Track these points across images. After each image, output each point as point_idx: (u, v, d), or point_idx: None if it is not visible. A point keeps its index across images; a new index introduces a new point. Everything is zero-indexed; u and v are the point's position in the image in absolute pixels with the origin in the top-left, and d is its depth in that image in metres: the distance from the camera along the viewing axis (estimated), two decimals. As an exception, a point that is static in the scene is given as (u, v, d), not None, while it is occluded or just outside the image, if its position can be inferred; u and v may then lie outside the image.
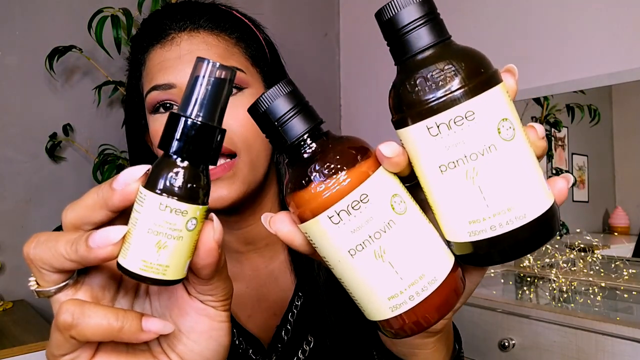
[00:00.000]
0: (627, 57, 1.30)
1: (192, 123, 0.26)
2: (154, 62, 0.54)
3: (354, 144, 0.29)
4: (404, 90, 0.27)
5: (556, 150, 1.53)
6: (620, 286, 1.18)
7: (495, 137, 0.26)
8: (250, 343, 0.59)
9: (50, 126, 1.38)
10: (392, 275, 0.27)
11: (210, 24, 0.55)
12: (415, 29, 0.27)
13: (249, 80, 0.55)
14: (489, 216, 0.26)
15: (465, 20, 1.70)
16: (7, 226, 1.33)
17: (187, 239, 0.27)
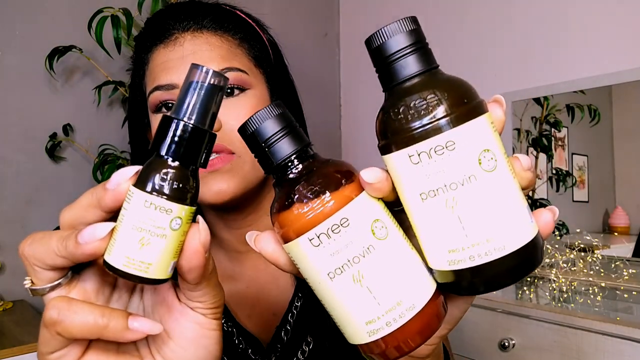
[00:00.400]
0: (627, 57, 1.30)
1: (184, 126, 0.27)
2: (157, 62, 0.54)
3: (340, 167, 0.29)
4: (389, 117, 0.27)
5: (556, 150, 1.53)
6: (620, 286, 1.18)
7: (476, 167, 0.26)
8: (250, 343, 0.59)
9: (50, 126, 1.38)
10: (369, 300, 0.27)
11: (214, 24, 0.55)
12: (402, 58, 0.28)
13: (252, 82, 0.55)
14: (468, 246, 0.26)
15: (465, 20, 1.70)
16: (7, 226, 1.33)
17: (172, 238, 0.27)
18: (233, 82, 0.53)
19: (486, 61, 1.63)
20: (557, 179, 1.52)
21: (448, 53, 1.78)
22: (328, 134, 2.05)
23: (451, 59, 1.76)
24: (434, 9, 1.80)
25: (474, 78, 1.27)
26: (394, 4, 1.96)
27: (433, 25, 1.81)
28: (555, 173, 1.53)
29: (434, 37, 1.47)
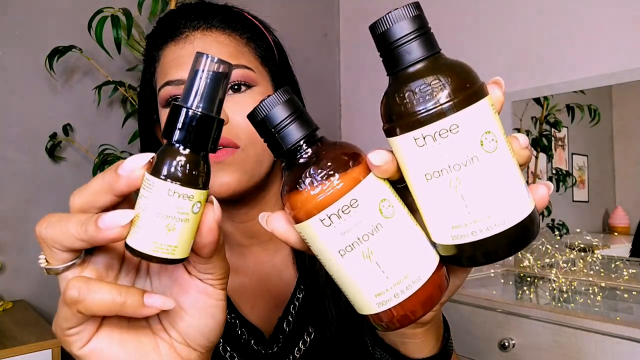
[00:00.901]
0: (627, 57, 1.30)
1: (193, 113, 0.28)
2: (168, 58, 0.56)
3: (347, 150, 0.30)
4: (394, 101, 0.28)
5: (556, 150, 1.53)
6: (620, 286, 1.18)
7: (478, 149, 0.27)
8: (252, 334, 0.60)
9: (50, 126, 1.38)
10: (378, 274, 0.29)
11: (223, 24, 0.57)
12: (406, 43, 0.29)
13: (258, 79, 0.56)
14: (470, 222, 0.28)
15: (465, 20, 1.70)
16: (7, 226, 1.33)
17: (193, 221, 0.29)
18: (240, 79, 0.55)
19: (486, 61, 1.63)
20: (557, 179, 1.52)
21: (448, 53, 1.77)
22: (328, 134, 2.03)
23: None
24: (433, 9, 1.80)
25: (474, 78, 1.22)
26: (393, 4, 1.96)
27: (433, 25, 1.81)
28: (555, 173, 1.53)
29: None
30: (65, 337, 0.31)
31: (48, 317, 1.37)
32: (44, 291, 1.37)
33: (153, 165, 0.28)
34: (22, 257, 1.34)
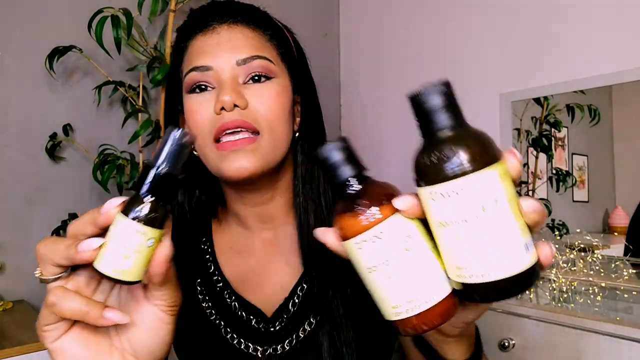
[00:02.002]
0: (627, 57, 1.30)
1: (157, 173, 0.37)
2: (195, 47, 0.60)
3: (385, 190, 0.38)
4: (419, 158, 0.35)
5: (556, 150, 1.53)
6: (620, 286, 1.18)
7: (478, 210, 0.32)
8: (253, 313, 0.63)
9: (50, 126, 1.38)
10: (396, 292, 0.36)
11: (248, 19, 0.61)
12: (437, 114, 0.35)
13: (277, 71, 0.60)
14: (469, 267, 0.33)
15: (465, 20, 1.70)
16: (7, 226, 1.33)
17: (146, 253, 0.37)
18: (260, 70, 0.58)
19: (487, 61, 1.63)
20: (557, 179, 1.52)
21: (448, 53, 1.78)
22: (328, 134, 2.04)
23: (452, 59, 1.76)
24: (434, 9, 1.80)
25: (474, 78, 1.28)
26: (394, 4, 1.96)
27: (433, 25, 1.81)
28: (555, 173, 1.53)
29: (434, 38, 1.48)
30: (41, 332, 0.40)
31: (48, 317, 1.37)
32: (43, 291, 1.36)
33: (124, 206, 0.37)
34: (22, 257, 1.34)
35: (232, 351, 0.62)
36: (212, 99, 0.57)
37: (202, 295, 0.66)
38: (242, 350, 0.62)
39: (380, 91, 1.99)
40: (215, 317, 0.64)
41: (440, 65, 1.78)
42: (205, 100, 0.58)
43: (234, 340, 0.62)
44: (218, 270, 0.66)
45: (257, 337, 0.62)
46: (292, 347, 0.61)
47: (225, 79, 0.57)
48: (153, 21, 1.54)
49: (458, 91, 0.39)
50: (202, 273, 0.67)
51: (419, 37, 1.85)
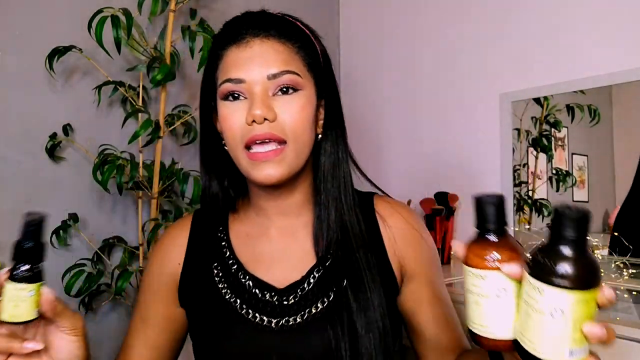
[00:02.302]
0: (627, 57, 1.30)
1: (23, 248, 0.57)
2: (230, 58, 0.66)
3: (510, 248, 0.48)
4: (541, 255, 0.44)
5: (556, 150, 1.53)
6: (620, 286, 1.18)
7: (551, 311, 0.42)
8: (266, 289, 0.71)
9: (50, 126, 1.38)
10: (478, 315, 0.49)
11: (279, 33, 0.66)
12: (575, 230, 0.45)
13: (304, 83, 0.67)
14: (527, 339, 0.44)
15: (465, 20, 1.70)
16: (7, 226, 1.32)
17: (30, 300, 0.54)
18: (288, 83, 0.65)
19: (486, 61, 1.63)
20: (557, 179, 1.52)
21: (449, 53, 1.78)
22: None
23: (452, 58, 1.76)
24: (434, 8, 1.80)
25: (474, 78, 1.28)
26: (394, 4, 1.96)
27: (433, 25, 1.81)
28: (555, 173, 1.53)
29: (434, 37, 1.48)
30: None
31: (48, 317, 1.37)
32: (44, 291, 1.37)
33: (9, 273, 0.54)
34: (22, 257, 1.34)
35: (247, 325, 0.69)
36: (244, 108, 0.65)
37: (217, 277, 0.74)
38: (258, 323, 0.69)
39: (380, 91, 1.99)
40: (230, 296, 0.72)
41: (441, 66, 1.78)
42: (238, 108, 0.66)
43: (248, 315, 0.70)
44: (233, 254, 0.75)
45: (271, 310, 0.69)
46: (304, 320, 0.68)
47: (256, 92, 0.64)
48: (153, 21, 1.53)
49: (458, 91, 0.39)
50: (218, 257, 0.75)
51: (419, 37, 1.85)
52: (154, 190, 1.41)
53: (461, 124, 1.71)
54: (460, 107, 1.71)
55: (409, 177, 1.86)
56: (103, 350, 1.49)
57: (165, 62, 1.33)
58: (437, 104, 1.79)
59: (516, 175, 1.55)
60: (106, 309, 1.49)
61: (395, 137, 1.90)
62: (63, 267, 1.36)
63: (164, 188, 1.44)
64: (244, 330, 0.69)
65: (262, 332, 0.68)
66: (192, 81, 1.67)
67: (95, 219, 1.47)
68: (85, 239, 1.43)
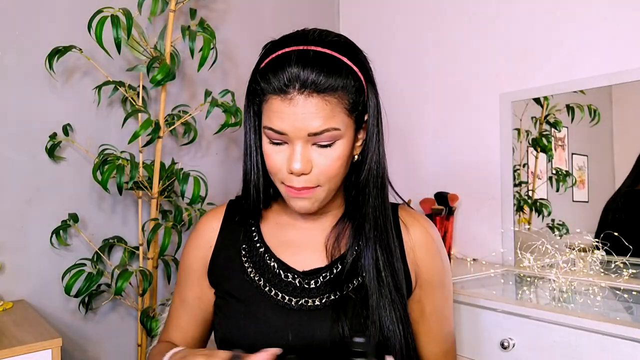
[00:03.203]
0: (627, 57, 1.30)
1: None
2: (274, 107, 0.68)
3: None
4: None
5: (556, 150, 1.53)
6: (620, 286, 1.18)
7: None
8: (290, 271, 0.77)
9: (50, 126, 1.38)
10: None
11: (323, 87, 0.67)
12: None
13: (343, 132, 0.70)
14: None
15: (465, 20, 1.70)
16: (7, 226, 1.33)
17: None
18: (329, 140, 0.69)
19: (486, 61, 1.63)
20: (557, 179, 1.52)
21: (448, 53, 1.78)
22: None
23: (452, 58, 1.76)
24: (434, 8, 1.80)
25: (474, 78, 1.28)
26: (394, 4, 1.96)
27: (433, 25, 1.81)
28: (555, 173, 1.53)
29: (434, 37, 1.48)
30: None
31: (48, 317, 1.37)
32: (44, 291, 1.37)
33: None
34: (22, 257, 1.34)
35: (269, 301, 0.75)
36: (285, 151, 0.70)
37: (245, 257, 0.80)
38: (279, 300, 0.75)
39: (380, 91, 1.99)
40: (255, 274, 0.78)
41: (441, 66, 1.78)
42: (280, 151, 0.71)
43: (271, 292, 0.76)
44: (261, 239, 0.82)
45: (292, 290, 0.76)
46: (323, 304, 0.74)
47: (296, 146, 0.69)
48: (153, 21, 1.54)
49: (458, 91, 0.39)
50: (247, 241, 0.82)
51: (419, 37, 1.85)
52: (154, 190, 1.41)
53: (461, 124, 1.71)
54: (460, 107, 1.71)
55: (409, 177, 1.86)
56: (103, 350, 1.49)
57: (165, 62, 1.33)
58: (437, 104, 1.79)
59: (516, 175, 1.55)
60: (106, 309, 1.49)
61: (396, 137, 1.90)
62: (63, 267, 1.36)
63: (164, 188, 1.44)
64: (265, 306, 0.75)
65: (282, 309, 0.75)
66: (192, 81, 1.67)
67: (95, 219, 1.47)
68: (85, 239, 1.43)
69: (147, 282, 1.33)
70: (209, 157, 1.74)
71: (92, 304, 1.41)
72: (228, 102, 1.44)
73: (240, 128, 1.70)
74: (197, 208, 1.46)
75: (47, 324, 1.10)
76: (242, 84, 1.81)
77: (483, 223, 1.63)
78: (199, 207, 1.47)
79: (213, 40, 1.35)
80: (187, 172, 1.37)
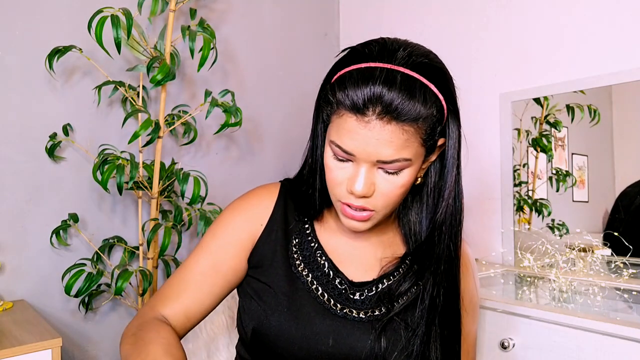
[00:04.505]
0: (627, 57, 1.30)
1: None
2: (347, 125, 0.63)
3: None
4: None
5: (556, 150, 1.53)
6: (621, 286, 1.18)
7: None
8: (340, 275, 0.75)
9: (50, 126, 1.38)
10: None
11: (404, 115, 0.61)
12: None
13: (411, 164, 0.66)
14: None
15: (465, 20, 1.70)
16: (7, 226, 1.33)
17: None
18: (397, 169, 0.65)
19: (486, 61, 1.63)
20: (557, 179, 1.52)
21: (448, 53, 1.78)
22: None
23: (451, 58, 1.76)
24: (433, 8, 1.80)
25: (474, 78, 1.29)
26: (394, 4, 1.96)
27: (433, 25, 1.81)
28: (555, 173, 1.53)
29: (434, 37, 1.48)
30: None
31: (48, 317, 1.37)
32: (44, 291, 1.37)
33: None
34: (22, 257, 1.34)
35: (315, 300, 0.73)
36: (349, 169, 0.66)
37: (295, 248, 0.77)
38: (325, 302, 0.72)
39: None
40: (304, 269, 0.75)
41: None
42: (343, 167, 0.67)
43: (317, 292, 0.73)
44: (315, 237, 0.78)
45: (339, 296, 0.73)
46: (367, 317, 0.72)
47: (361, 169, 0.65)
48: (153, 21, 1.54)
49: (458, 91, 0.39)
50: (300, 233, 0.79)
51: (419, 37, 1.85)
52: (154, 190, 1.41)
53: (461, 124, 1.71)
54: (460, 107, 1.71)
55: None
56: (103, 350, 1.49)
57: (165, 62, 1.33)
58: (437, 104, 1.79)
59: (516, 175, 1.55)
60: (106, 309, 1.49)
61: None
62: (63, 267, 1.36)
63: (164, 188, 1.44)
64: (310, 305, 0.72)
65: (327, 312, 0.72)
66: (192, 81, 1.67)
67: (95, 219, 1.47)
68: (85, 239, 1.43)
69: (147, 282, 1.33)
70: (209, 157, 1.74)
71: (92, 304, 1.41)
72: (228, 102, 1.44)
73: (240, 128, 1.70)
74: (197, 208, 1.46)
75: (47, 324, 1.10)
76: (242, 83, 1.81)
77: (483, 223, 1.63)
78: (199, 207, 1.47)
79: (213, 40, 1.35)
80: (187, 172, 1.37)
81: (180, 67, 1.60)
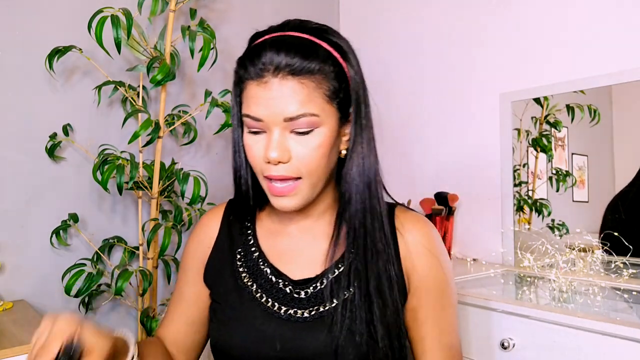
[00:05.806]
0: (627, 57, 1.30)
1: None
2: (251, 93, 0.67)
3: None
4: None
5: (556, 150, 1.53)
6: (621, 286, 1.18)
7: None
8: (282, 278, 0.75)
9: (50, 126, 1.38)
10: None
11: (299, 70, 0.65)
12: None
13: (322, 120, 0.67)
14: None
15: (465, 20, 1.70)
16: (7, 226, 1.33)
17: None
18: (306, 126, 0.66)
19: (486, 61, 1.63)
20: (557, 179, 1.52)
21: (448, 53, 1.78)
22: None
23: (451, 59, 1.76)
24: (433, 8, 1.80)
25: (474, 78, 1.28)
26: (394, 4, 1.96)
27: (433, 26, 1.81)
28: (555, 173, 1.53)
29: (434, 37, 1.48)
30: None
31: (48, 317, 1.37)
32: (44, 291, 1.37)
33: None
34: (22, 257, 1.34)
35: (259, 307, 0.74)
36: (264, 141, 0.68)
37: (240, 262, 0.79)
38: (268, 307, 0.73)
39: (378, 92, 1.99)
40: (248, 279, 0.77)
41: (441, 66, 1.78)
42: (258, 141, 0.69)
43: (262, 299, 0.74)
44: (256, 244, 0.80)
45: (283, 298, 0.74)
46: (312, 316, 0.71)
47: (273, 133, 0.67)
48: (153, 21, 1.54)
49: (458, 91, 0.39)
50: (243, 245, 0.81)
51: (419, 37, 1.85)
52: (154, 190, 1.41)
53: (461, 124, 1.71)
54: (460, 107, 1.71)
55: (409, 177, 1.86)
56: (103, 350, 1.48)
57: (165, 62, 1.33)
58: (438, 104, 1.79)
59: (516, 175, 1.55)
60: (106, 309, 1.49)
61: (396, 137, 1.90)
62: (63, 267, 1.36)
63: (163, 188, 1.44)
64: (254, 312, 0.74)
65: (272, 317, 0.73)
66: (192, 81, 1.67)
67: (95, 219, 1.47)
68: (85, 239, 1.43)
69: (147, 282, 1.33)
70: (209, 157, 1.74)
71: (92, 304, 1.41)
72: (228, 102, 1.44)
73: (240, 128, 1.70)
74: (197, 208, 1.46)
75: (47, 324, 1.10)
76: (242, 84, 1.81)
77: (483, 223, 1.63)
78: (199, 207, 1.47)
79: (213, 40, 1.35)
80: (187, 172, 1.37)
81: (180, 67, 1.60)
